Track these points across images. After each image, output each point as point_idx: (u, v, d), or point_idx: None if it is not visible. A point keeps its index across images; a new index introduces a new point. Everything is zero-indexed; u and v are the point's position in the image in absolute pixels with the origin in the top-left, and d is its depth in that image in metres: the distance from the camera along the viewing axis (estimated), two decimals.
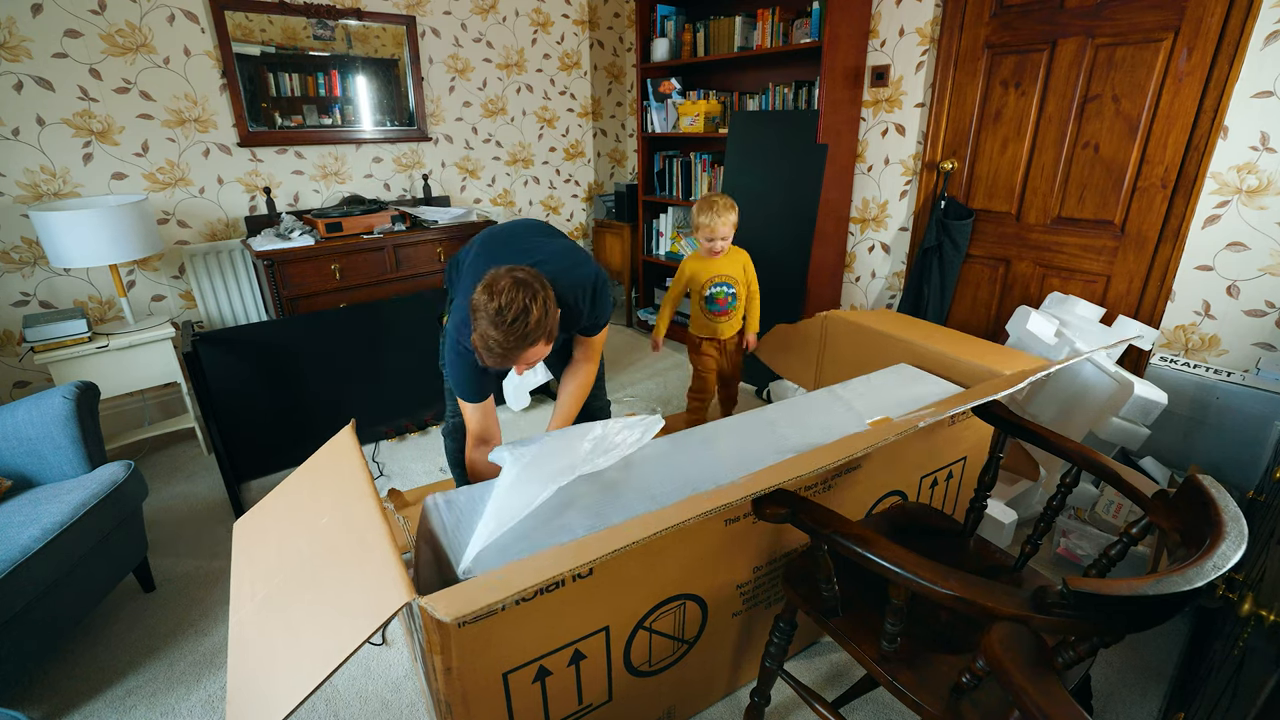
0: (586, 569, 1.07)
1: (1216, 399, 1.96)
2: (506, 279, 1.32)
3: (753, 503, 1.09)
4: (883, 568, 0.91)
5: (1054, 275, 2.49)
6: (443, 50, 3.41)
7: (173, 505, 2.34)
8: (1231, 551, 0.79)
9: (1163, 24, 2.06)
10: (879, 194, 2.96)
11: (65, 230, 2.22)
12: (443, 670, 1.01)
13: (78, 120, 2.53)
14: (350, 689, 1.58)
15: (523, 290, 1.31)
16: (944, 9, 2.55)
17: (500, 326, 1.30)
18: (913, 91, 2.72)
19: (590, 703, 1.25)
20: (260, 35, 2.85)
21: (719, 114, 3.43)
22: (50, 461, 1.75)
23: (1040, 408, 2.10)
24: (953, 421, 1.63)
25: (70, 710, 1.54)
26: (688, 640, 1.35)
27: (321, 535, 1.13)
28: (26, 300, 2.58)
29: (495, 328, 1.30)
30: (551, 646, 1.12)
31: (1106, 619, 0.76)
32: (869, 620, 1.12)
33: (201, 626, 1.78)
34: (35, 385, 2.67)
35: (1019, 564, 1.28)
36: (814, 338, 2.32)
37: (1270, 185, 1.94)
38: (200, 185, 2.87)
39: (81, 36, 2.48)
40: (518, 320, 1.30)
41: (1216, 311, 2.11)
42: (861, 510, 1.56)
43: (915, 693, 0.99)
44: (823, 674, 1.60)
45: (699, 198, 2.59)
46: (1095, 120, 2.27)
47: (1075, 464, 1.21)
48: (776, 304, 3.05)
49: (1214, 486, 0.90)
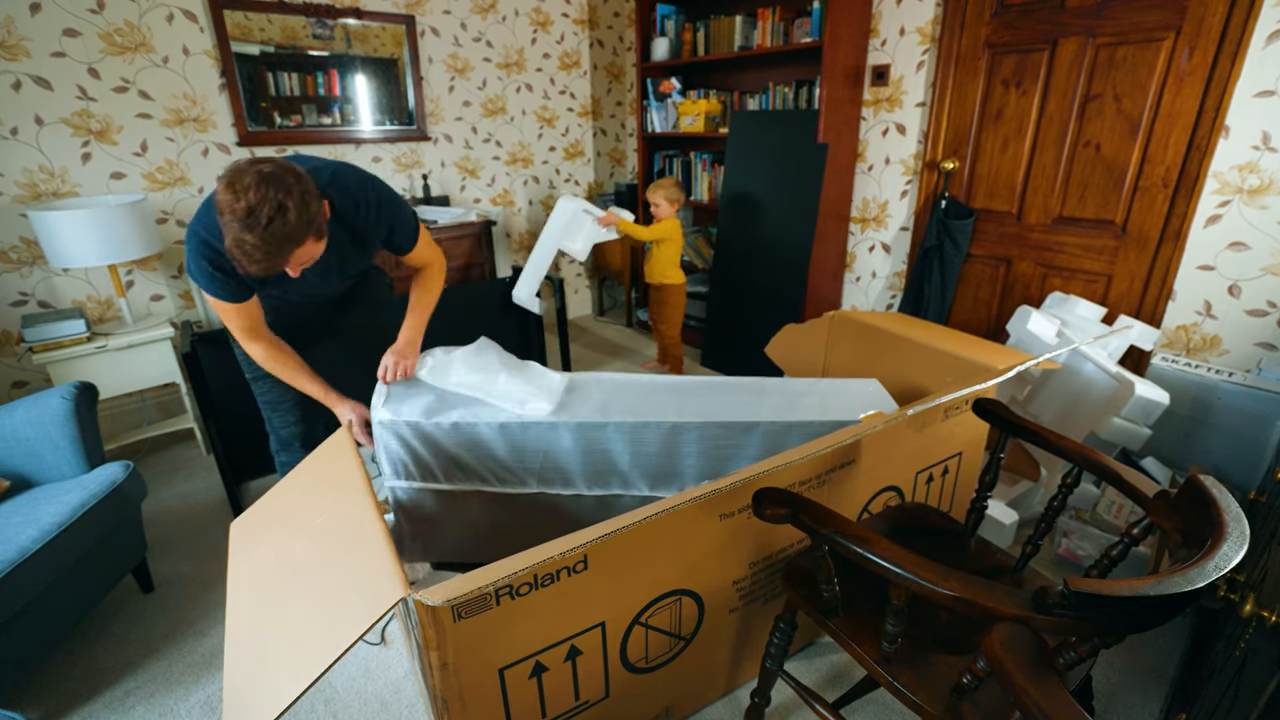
0: (581, 563, 1.07)
1: (1218, 399, 1.95)
2: (251, 174, 1.15)
3: (753, 502, 1.08)
4: (883, 568, 0.90)
5: (1055, 275, 2.48)
6: (442, 50, 3.41)
7: (172, 506, 2.33)
8: (1233, 552, 0.78)
9: (1164, 23, 2.05)
10: (879, 194, 2.96)
11: (64, 230, 2.21)
12: (439, 666, 1.01)
13: (76, 120, 2.53)
14: (349, 690, 1.57)
15: (273, 185, 1.14)
16: (944, 8, 2.54)
17: (255, 229, 1.13)
18: (913, 91, 2.72)
19: (587, 699, 1.25)
20: (259, 34, 2.84)
21: (719, 114, 3.43)
22: (49, 462, 1.75)
23: (1041, 408, 2.10)
24: (946, 415, 1.63)
25: (69, 711, 1.53)
26: (684, 637, 1.35)
27: (318, 534, 1.13)
28: (25, 300, 2.58)
29: (249, 230, 1.14)
30: (548, 642, 1.12)
31: (1108, 620, 0.76)
32: (869, 620, 1.12)
33: (200, 627, 1.77)
34: (34, 385, 2.67)
35: (1020, 564, 1.28)
36: (820, 337, 2.32)
37: (1272, 185, 1.93)
38: (199, 185, 2.86)
39: (80, 36, 2.47)
40: (274, 221, 1.14)
41: (1218, 311, 2.10)
42: (858, 506, 1.55)
43: (916, 693, 0.98)
44: (823, 674, 1.60)
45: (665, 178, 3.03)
46: (1096, 120, 2.26)
47: (1076, 464, 1.20)
48: (777, 304, 3.05)
49: (1215, 487, 0.90)
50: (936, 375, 1.88)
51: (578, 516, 1.74)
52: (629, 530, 1.03)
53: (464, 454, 1.65)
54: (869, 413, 1.52)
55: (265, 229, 1.15)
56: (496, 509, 1.68)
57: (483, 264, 3.37)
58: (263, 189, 1.14)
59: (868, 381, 1.85)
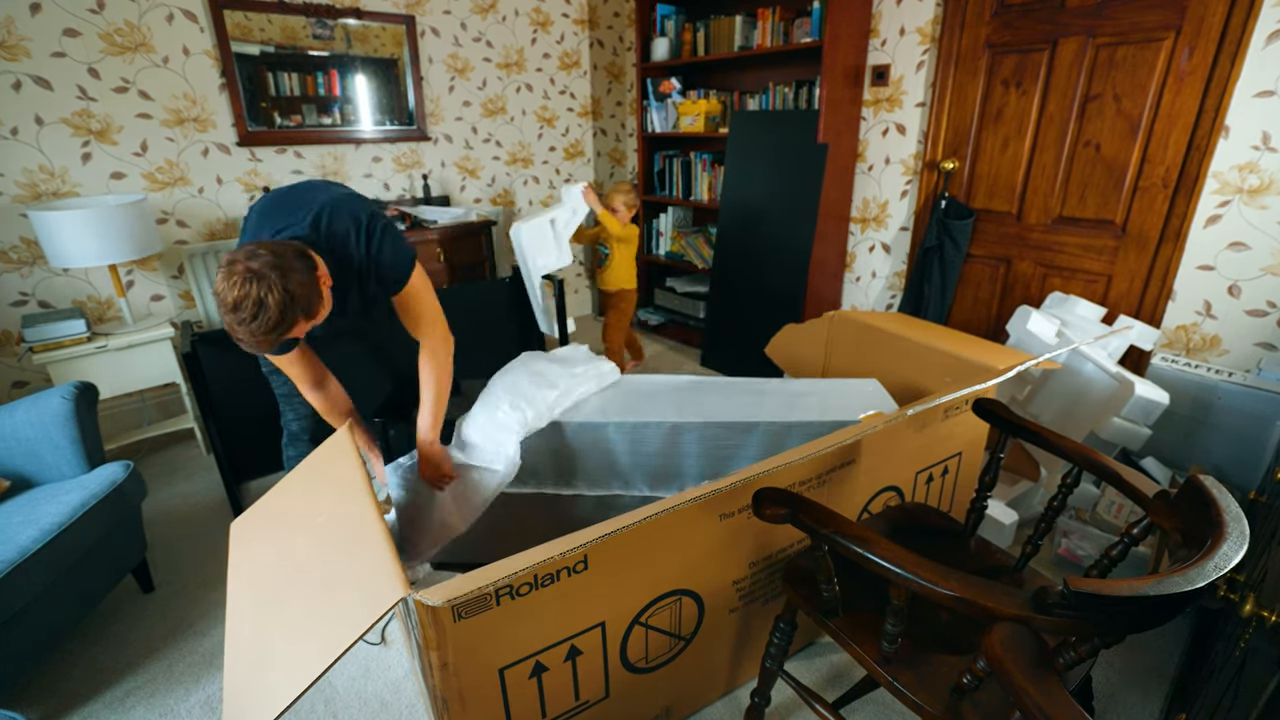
0: (581, 563, 1.07)
1: (1218, 399, 1.95)
2: (240, 270, 1.23)
3: (753, 502, 1.09)
4: (883, 568, 0.90)
5: (1055, 275, 2.48)
6: (442, 50, 3.40)
7: (172, 506, 2.33)
8: (1233, 552, 0.78)
9: (1164, 23, 2.05)
10: (879, 194, 2.95)
11: (64, 230, 2.21)
12: (439, 666, 1.01)
13: (76, 120, 2.53)
14: (349, 690, 1.57)
15: (256, 283, 1.23)
16: (944, 8, 2.54)
17: (242, 324, 1.24)
18: (913, 91, 2.72)
19: (587, 699, 1.25)
20: (259, 35, 2.84)
21: (719, 114, 3.43)
22: (49, 462, 1.75)
23: (1041, 408, 2.10)
24: (946, 415, 1.63)
25: (69, 711, 1.53)
26: (684, 637, 1.35)
27: (318, 533, 1.13)
28: (25, 300, 2.58)
29: (237, 324, 1.25)
30: (548, 642, 1.12)
31: (1108, 619, 0.76)
32: (869, 621, 1.12)
33: (200, 627, 1.77)
34: (34, 385, 2.66)
35: (1020, 564, 1.28)
36: (821, 337, 2.32)
37: (1272, 185, 1.93)
38: (199, 185, 2.86)
39: (80, 36, 2.47)
40: (257, 318, 1.23)
41: (1218, 311, 2.10)
42: (858, 506, 1.55)
43: (916, 693, 0.98)
44: (823, 674, 1.60)
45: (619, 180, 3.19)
46: (1096, 120, 2.26)
47: (1076, 464, 1.20)
48: (777, 304, 3.05)
49: (1215, 487, 0.90)
50: (936, 375, 1.88)
51: (577, 516, 1.74)
52: (629, 530, 1.03)
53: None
54: (869, 413, 1.52)
55: (249, 324, 1.24)
56: (496, 509, 1.68)
57: (483, 264, 3.37)
58: (246, 286, 1.23)
59: (868, 381, 1.86)
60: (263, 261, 1.25)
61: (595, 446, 1.65)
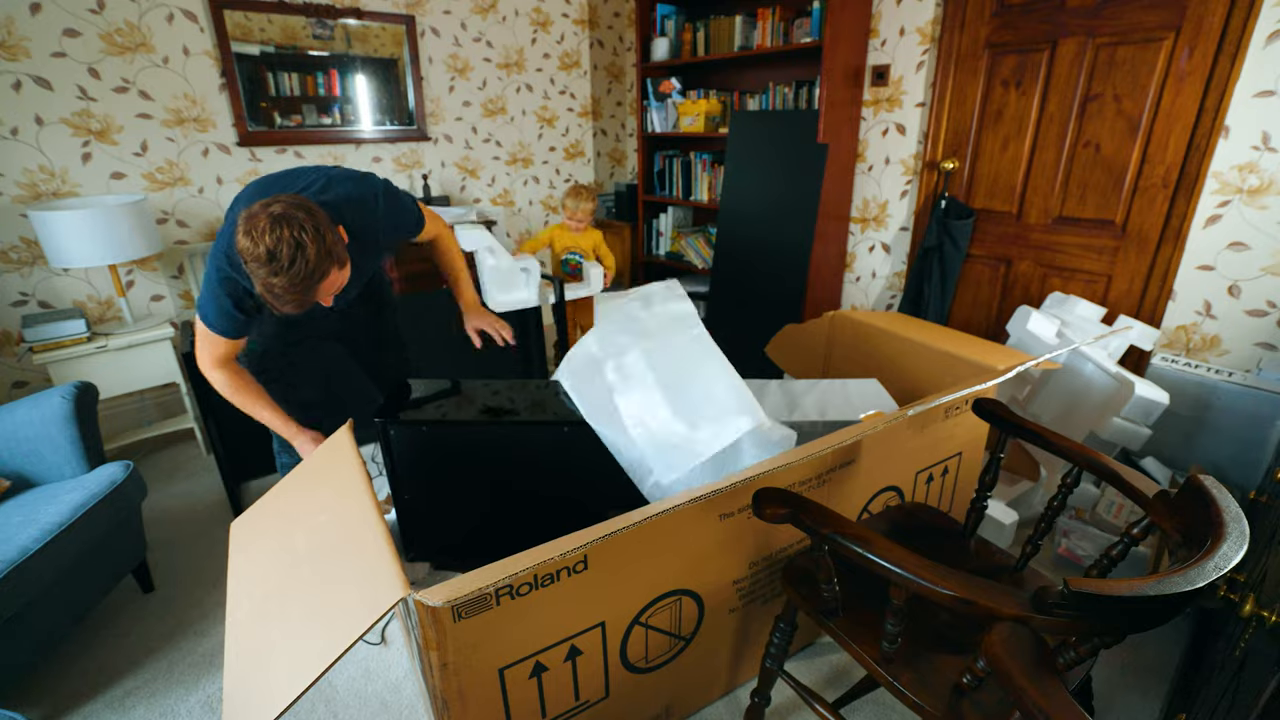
0: (581, 563, 1.07)
1: (1218, 399, 1.95)
2: (263, 217, 1.16)
3: (753, 502, 1.09)
4: (883, 568, 0.90)
5: (1055, 275, 2.48)
6: (442, 50, 3.40)
7: (172, 506, 2.33)
8: (1233, 552, 0.78)
9: (1164, 23, 2.05)
10: (879, 193, 2.95)
11: (64, 230, 2.21)
12: (439, 666, 1.01)
13: (76, 120, 2.53)
14: (349, 690, 1.57)
15: (286, 224, 1.15)
16: (944, 8, 2.54)
17: (280, 273, 1.16)
18: (913, 91, 2.72)
19: (587, 699, 1.25)
20: (259, 35, 2.84)
21: (719, 114, 3.42)
22: (49, 462, 1.75)
23: (1041, 408, 2.10)
24: (946, 415, 1.63)
25: (69, 711, 1.53)
26: (684, 637, 1.35)
27: (318, 533, 1.13)
28: (25, 300, 2.58)
29: (274, 274, 1.16)
30: (547, 642, 1.12)
31: (1107, 619, 0.76)
32: (869, 620, 1.12)
33: (200, 627, 1.77)
34: (34, 385, 2.66)
35: (1020, 564, 1.28)
36: (821, 337, 2.32)
37: (1272, 185, 1.93)
38: (199, 185, 2.86)
39: (80, 36, 2.47)
40: (296, 261, 1.16)
41: (1218, 311, 2.10)
42: (858, 506, 1.55)
43: (916, 693, 0.98)
44: (823, 674, 1.60)
45: (571, 186, 3.20)
46: (1096, 120, 2.26)
47: (1076, 464, 1.20)
48: (777, 304, 3.05)
49: (1215, 487, 0.90)
50: (936, 375, 1.89)
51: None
52: (629, 530, 1.03)
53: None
54: (869, 413, 1.52)
55: (289, 270, 1.17)
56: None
57: None
58: (277, 230, 1.15)
59: (868, 381, 1.86)
60: (285, 204, 1.19)
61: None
